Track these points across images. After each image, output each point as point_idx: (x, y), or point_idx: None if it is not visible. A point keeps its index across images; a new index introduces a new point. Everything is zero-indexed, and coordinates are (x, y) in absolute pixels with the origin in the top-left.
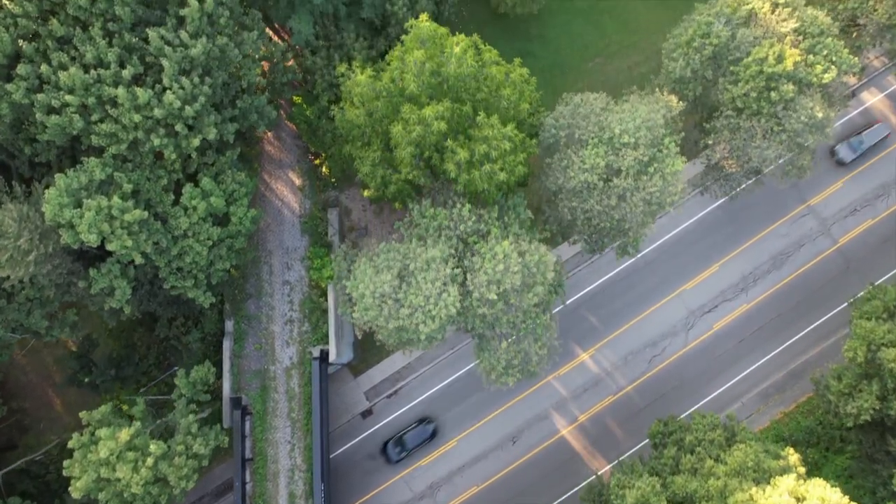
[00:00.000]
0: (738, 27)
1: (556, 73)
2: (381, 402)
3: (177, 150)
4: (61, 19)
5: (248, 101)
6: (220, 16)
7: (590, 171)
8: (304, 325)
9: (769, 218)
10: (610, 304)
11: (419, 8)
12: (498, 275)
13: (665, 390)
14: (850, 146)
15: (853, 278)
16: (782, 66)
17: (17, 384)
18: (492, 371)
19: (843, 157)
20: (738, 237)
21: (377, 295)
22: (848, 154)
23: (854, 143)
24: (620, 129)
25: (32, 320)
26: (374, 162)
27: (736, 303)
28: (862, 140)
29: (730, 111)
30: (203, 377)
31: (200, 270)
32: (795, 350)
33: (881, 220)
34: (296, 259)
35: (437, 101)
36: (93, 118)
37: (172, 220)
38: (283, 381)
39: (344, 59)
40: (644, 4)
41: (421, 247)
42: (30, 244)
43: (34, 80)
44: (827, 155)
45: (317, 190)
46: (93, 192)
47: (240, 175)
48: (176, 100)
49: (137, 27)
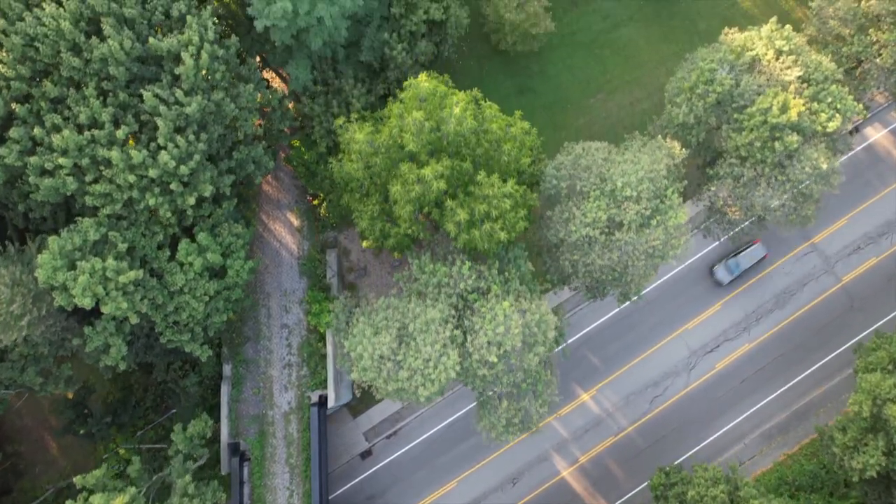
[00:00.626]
0: (741, 73)
1: (558, 109)
2: (380, 443)
3: (172, 207)
4: (55, 80)
5: (245, 152)
6: (216, 70)
7: (591, 226)
8: (302, 369)
9: (772, 256)
10: (611, 343)
11: (418, 51)
12: (499, 336)
13: (666, 431)
14: (728, 268)
15: (857, 317)
16: (786, 115)
17: (12, 428)
18: (492, 429)
19: (720, 279)
20: (741, 276)
21: (375, 357)
22: (725, 276)
23: (731, 264)
24: (623, 182)
25: (26, 377)
26: (372, 215)
27: (738, 342)
28: (738, 262)
29: (733, 159)
30: (200, 431)
31: (197, 324)
32: (799, 390)
33: (885, 259)
34: (294, 302)
35: (436, 157)
36: (87, 178)
37: (168, 276)
38: (281, 426)
39: (342, 106)
40: (646, 39)
41: (420, 306)
42: (22, 308)
43: (27, 143)
44: (707, 273)
45: (315, 230)
46: (87, 252)
47: (237, 227)
48: (171, 160)
49: (132, 83)
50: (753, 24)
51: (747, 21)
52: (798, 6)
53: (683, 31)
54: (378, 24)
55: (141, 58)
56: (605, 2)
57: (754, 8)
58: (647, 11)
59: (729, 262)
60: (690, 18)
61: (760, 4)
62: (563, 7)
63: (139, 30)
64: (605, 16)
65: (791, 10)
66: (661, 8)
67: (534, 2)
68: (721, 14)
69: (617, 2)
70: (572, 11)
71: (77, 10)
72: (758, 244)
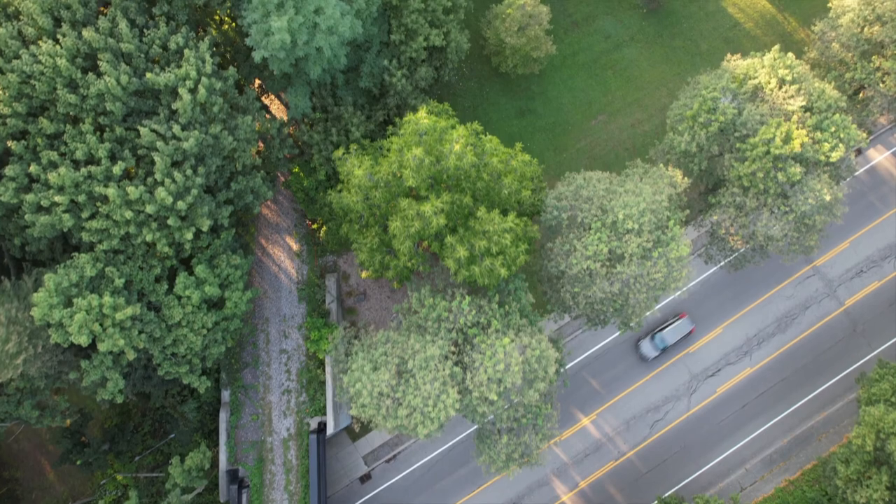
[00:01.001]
0: (744, 102)
1: (559, 131)
2: (379, 467)
3: (169, 241)
4: (51, 116)
5: (244, 182)
6: (214, 104)
7: (592, 259)
8: (301, 395)
9: (774, 279)
10: (611, 367)
11: (418, 77)
12: (499, 374)
13: (667, 456)
14: (653, 343)
15: (860, 342)
16: (789, 146)
17: (9, 453)
18: (492, 464)
19: (645, 354)
20: (742, 299)
21: (375, 394)
22: (650, 351)
23: (657, 339)
24: (624, 214)
25: (22, 411)
26: (372, 247)
27: (740, 366)
28: (664, 338)
29: (735, 188)
30: (198, 464)
31: (195, 355)
32: (801, 415)
33: (888, 282)
34: (293, 327)
35: (435, 191)
36: (83, 215)
37: (166, 309)
38: (280, 452)
39: (341, 134)
40: (648, 59)
41: (420, 341)
42: (18, 346)
43: (24, 180)
44: (633, 348)
45: (314, 255)
46: (83, 289)
47: (235, 258)
48: (168, 196)
49: (130, 117)
50: (756, 44)
51: (749, 42)
52: (800, 27)
53: (685, 51)
54: (378, 49)
55: (138, 91)
56: (607, 22)
57: (756, 29)
58: (649, 32)
59: (655, 337)
60: (692, 39)
61: (763, 25)
62: (565, 27)
63: (136, 63)
64: (606, 36)
65: (793, 30)
66: (662, 28)
67: (535, 26)
68: (723, 35)
69: (618, 22)
70: (574, 32)
71: (74, 46)
72: (684, 318)
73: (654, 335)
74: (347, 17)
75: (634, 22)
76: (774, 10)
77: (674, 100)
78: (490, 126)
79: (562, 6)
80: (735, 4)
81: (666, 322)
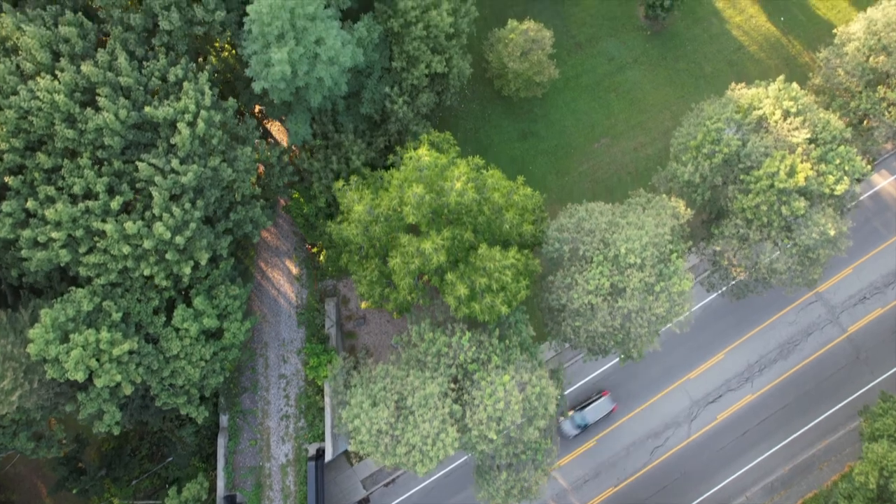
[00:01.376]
0: (748, 133)
1: (561, 154)
2: (378, 491)
3: (167, 273)
4: (49, 150)
5: (243, 212)
6: (213, 136)
7: (594, 293)
8: (299, 420)
9: (776, 305)
10: (611, 393)
11: (420, 103)
12: (498, 412)
13: (667, 482)
14: (573, 422)
15: (863, 369)
16: (794, 180)
17: (5, 477)
18: (490, 500)
19: (566, 432)
20: (744, 325)
21: (373, 431)
22: (570, 429)
23: (577, 418)
24: (626, 249)
25: (18, 442)
26: (371, 280)
27: (741, 393)
28: (585, 416)
29: (739, 220)
30: (195, 495)
31: (193, 386)
32: (802, 443)
33: (891, 309)
34: (292, 352)
35: (436, 226)
36: (81, 249)
37: (164, 341)
38: (278, 478)
39: (342, 161)
40: (651, 82)
41: (419, 378)
42: (13, 383)
43: (21, 214)
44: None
45: (314, 278)
46: (80, 323)
47: (234, 289)
48: (166, 231)
49: (128, 150)
50: (760, 67)
51: (753, 65)
52: (805, 51)
53: (689, 74)
54: (379, 75)
55: (137, 124)
56: (611, 44)
57: (761, 52)
58: (653, 54)
59: (575, 416)
60: (696, 62)
61: (767, 48)
62: (568, 49)
63: (135, 96)
64: (609, 58)
65: (798, 54)
66: (666, 51)
67: (538, 51)
68: (727, 58)
69: (622, 44)
70: (577, 53)
71: (72, 80)
72: (606, 397)
73: (574, 414)
74: (349, 46)
75: (638, 44)
76: (779, 34)
77: (677, 124)
78: (492, 149)
79: (565, 27)
80: (739, 27)
81: (588, 400)
